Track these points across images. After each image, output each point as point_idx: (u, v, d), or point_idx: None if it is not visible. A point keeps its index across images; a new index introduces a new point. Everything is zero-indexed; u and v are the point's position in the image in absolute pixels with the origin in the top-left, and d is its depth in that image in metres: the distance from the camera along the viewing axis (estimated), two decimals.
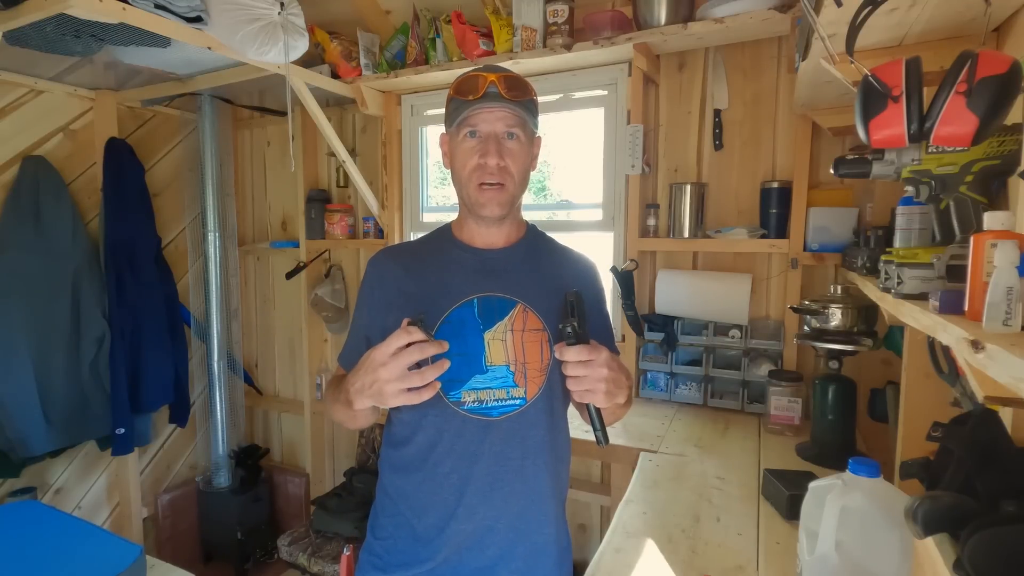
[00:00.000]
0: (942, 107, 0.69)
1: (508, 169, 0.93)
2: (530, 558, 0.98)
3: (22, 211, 2.11)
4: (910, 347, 1.10)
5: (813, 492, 0.86)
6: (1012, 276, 0.50)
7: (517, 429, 0.94)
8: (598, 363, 0.81)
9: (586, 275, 1.09)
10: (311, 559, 2.21)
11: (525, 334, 0.95)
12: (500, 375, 0.93)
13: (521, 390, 0.94)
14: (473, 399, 0.93)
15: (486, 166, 0.91)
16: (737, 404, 1.89)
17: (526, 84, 0.93)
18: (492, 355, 0.93)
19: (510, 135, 0.93)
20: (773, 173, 1.88)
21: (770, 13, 1.62)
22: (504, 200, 0.94)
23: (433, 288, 0.96)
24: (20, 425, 2.04)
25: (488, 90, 0.90)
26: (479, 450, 0.93)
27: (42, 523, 1.17)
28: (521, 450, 0.95)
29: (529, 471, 0.96)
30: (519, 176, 0.95)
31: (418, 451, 0.95)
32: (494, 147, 0.91)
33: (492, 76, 0.91)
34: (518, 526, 0.97)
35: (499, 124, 0.92)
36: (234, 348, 2.93)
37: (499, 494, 0.94)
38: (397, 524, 0.98)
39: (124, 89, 2.42)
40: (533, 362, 0.95)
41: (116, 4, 1.45)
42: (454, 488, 0.94)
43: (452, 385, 0.92)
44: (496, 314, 0.95)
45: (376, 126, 2.54)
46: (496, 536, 0.95)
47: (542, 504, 0.99)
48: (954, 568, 0.53)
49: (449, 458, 0.93)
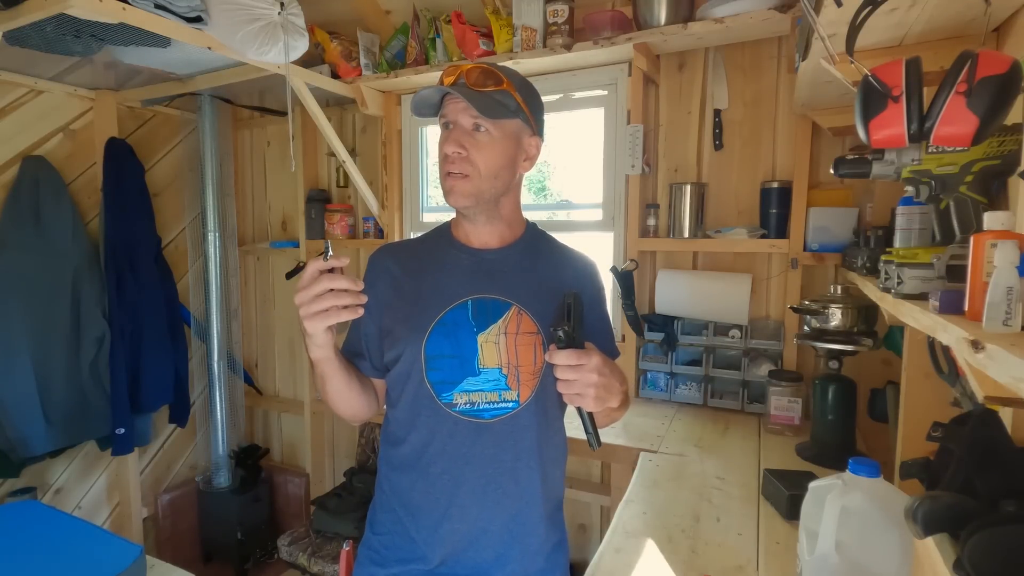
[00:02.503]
0: (942, 107, 0.69)
1: (471, 160, 0.91)
2: (525, 560, 0.98)
3: (22, 211, 2.11)
4: (910, 347, 1.10)
5: (813, 492, 0.86)
6: (1012, 276, 0.50)
7: (509, 432, 0.94)
8: (588, 368, 0.79)
9: (585, 275, 1.08)
10: (311, 559, 2.21)
11: (519, 337, 0.94)
12: (492, 378, 0.93)
13: (514, 393, 0.94)
14: (465, 401, 0.93)
15: (447, 155, 0.92)
16: (737, 404, 1.89)
17: (498, 75, 0.91)
18: (485, 357, 0.93)
19: (477, 127, 0.91)
20: (773, 173, 1.88)
21: (770, 13, 1.62)
22: (468, 191, 0.92)
23: (428, 289, 0.96)
24: (20, 425, 2.04)
25: (458, 80, 0.91)
26: (471, 452, 0.93)
27: (42, 523, 1.17)
28: (513, 453, 0.95)
29: (522, 473, 0.96)
30: (488, 170, 0.92)
31: (412, 451, 0.96)
32: (455, 135, 0.91)
33: (465, 67, 0.91)
34: (512, 528, 0.96)
35: (463, 115, 0.91)
36: (234, 348, 2.93)
37: (492, 496, 0.94)
38: (394, 520, 0.99)
39: (124, 89, 2.42)
40: (526, 365, 0.94)
41: (116, 4, 1.45)
42: (446, 489, 0.94)
43: (444, 387, 0.92)
44: (490, 316, 0.94)
45: (376, 126, 2.54)
46: (491, 538, 0.95)
47: (535, 506, 0.98)
48: (954, 568, 0.53)
49: (441, 459, 0.94)
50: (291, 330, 2.93)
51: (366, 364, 1.01)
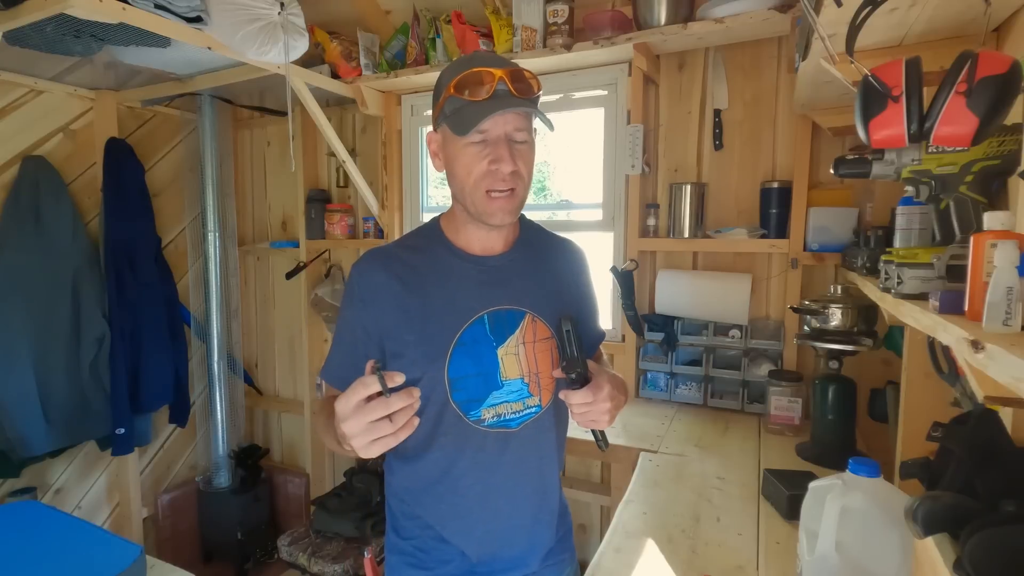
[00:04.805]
0: (942, 107, 0.69)
1: (520, 173, 0.87)
2: (552, 538, 1.04)
3: (22, 211, 2.11)
4: (910, 347, 1.10)
5: (813, 492, 0.86)
6: (1012, 276, 0.50)
7: (535, 435, 0.96)
8: (600, 399, 0.83)
9: (578, 264, 1.09)
10: (311, 559, 2.21)
11: (536, 344, 0.94)
12: (516, 388, 0.93)
13: (536, 399, 0.95)
14: (492, 415, 0.92)
15: (498, 172, 0.85)
16: (737, 404, 1.89)
17: (533, 77, 0.87)
18: (507, 370, 0.92)
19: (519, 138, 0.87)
20: (773, 173, 1.88)
21: (770, 13, 1.62)
22: (515, 207, 0.89)
23: (439, 305, 0.91)
24: (20, 425, 2.04)
25: (498, 89, 0.83)
26: (500, 460, 0.94)
27: (42, 523, 1.17)
28: (538, 454, 0.98)
29: (546, 469, 1.00)
30: (529, 179, 0.90)
31: (434, 467, 0.93)
32: (507, 152, 0.84)
33: (499, 72, 0.83)
34: (540, 517, 1.01)
35: (510, 127, 0.85)
36: (234, 348, 2.93)
37: (521, 493, 0.97)
38: (421, 526, 0.98)
39: (124, 89, 2.42)
40: (545, 371, 0.95)
41: (116, 4, 1.45)
42: (478, 497, 0.94)
43: (471, 405, 0.91)
44: (507, 328, 0.92)
45: (376, 126, 2.54)
46: (524, 531, 0.99)
47: (554, 491, 1.04)
48: (954, 568, 0.53)
49: (472, 472, 0.93)
50: (291, 330, 2.93)
51: None
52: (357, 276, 0.94)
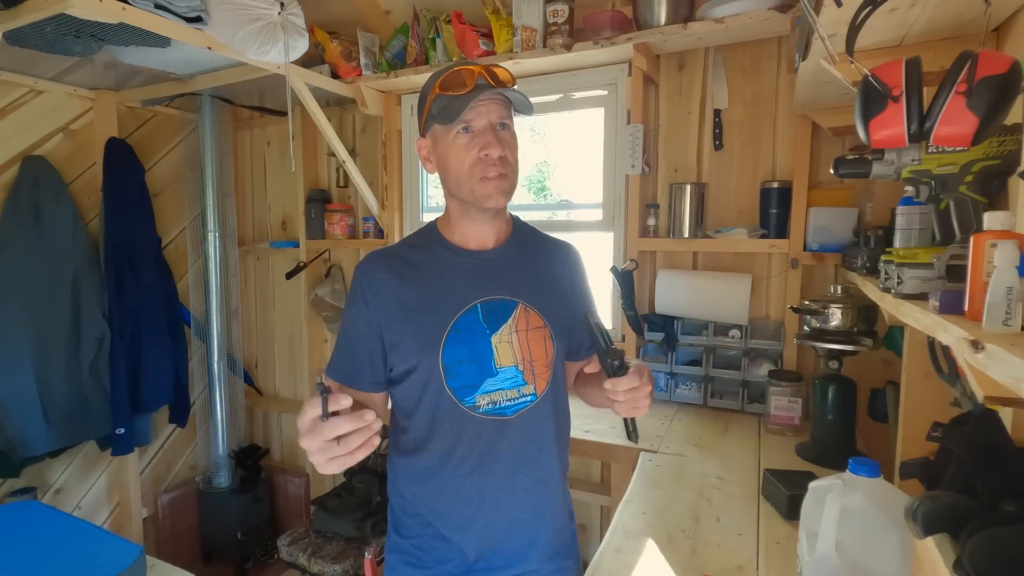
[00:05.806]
0: (942, 107, 0.69)
1: (507, 159, 0.93)
2: (555, 538, 1.04)
3: (22, 211, 2.11)
4: (910, 347, 1.10)
5: (813, 492, 0.86)
6: (1012, 276, 0.50)
7: (531, 424, 0.98)
8: (645, 381, 0.86)
9: (572, 262, 1.11)
10: (311, 559, 2.21)
11: (529, 333, 0.97)
12: (510, 375, 0.96)
13: (531, 387, 0.97)
14: (487, 402, 0.95)
15: (488, 158, 0.90)
16: (737, 404, 1.89)
17: (507, 72, 0.94)
18: (501, 357, 0.95)
19: (502, 125, 0.93)
20: (773, 173, 1.88)
21: (770, 13, 1.62)
22: (508, 189, 0.94)
23: (434, 296, 0.95)
24: (20, 425, 2.04)
25: (478, 82, 0.90)
26: (497, 448, 0.95)
27: (42, 523, 1.17)
28: (536, 443, 0.99)
29: (544, 460, 1.01)
30: (515, 165, 0.95)
31: (435, 457, 0.96)
32: (493, 138, 0.90)
33: (478, 68, 0.91)
34: (540, 511, 1.01)
35: (493, 115, 0.91)
36: (234, 348, 2.93)
37: (520, 485, 0.98)
38: (422, 524, 1.00)
39: (124, 89, 2.42)
40: (539, 359, 0.98)
41: (116, 4, 1.45)
42: (476, 487, 0.96)
43: (466, 391, 0.94)
44: (500, 317, 0.96)
45: (376, 126, 2.54)
46: (523, 525, 1.00)
47: (555, 485, 1.04)
48: (954, 568, 0.53)
49: (468, 460, 0.95)
50: (291, 330, 2.93)
51: (364, 383, 0.97)
52: (360, 275, 0.98)
